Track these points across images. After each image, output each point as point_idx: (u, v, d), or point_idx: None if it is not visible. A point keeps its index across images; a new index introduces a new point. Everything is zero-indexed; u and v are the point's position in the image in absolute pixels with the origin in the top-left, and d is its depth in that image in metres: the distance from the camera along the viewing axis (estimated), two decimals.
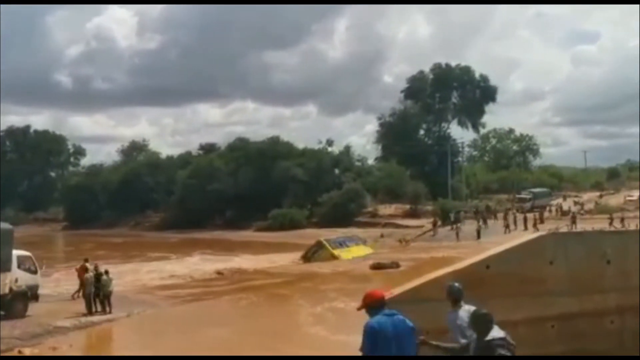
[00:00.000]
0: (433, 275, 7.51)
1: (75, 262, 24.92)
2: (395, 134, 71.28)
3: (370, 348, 4.79)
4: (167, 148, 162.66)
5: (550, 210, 49.44)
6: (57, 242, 60.20)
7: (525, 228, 39.61)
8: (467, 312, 6.34)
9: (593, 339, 7.44)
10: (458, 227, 43.20)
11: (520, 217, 43.94)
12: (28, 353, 14.00)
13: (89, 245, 47.53)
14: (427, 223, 47.00)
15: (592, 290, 7.50)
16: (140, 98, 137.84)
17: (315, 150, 69.19)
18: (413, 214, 55.52)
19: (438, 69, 73.13)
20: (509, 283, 7.32)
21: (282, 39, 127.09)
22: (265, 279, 26.58)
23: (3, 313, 16.93)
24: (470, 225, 43.67)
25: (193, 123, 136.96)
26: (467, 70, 73.45)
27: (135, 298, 21.37)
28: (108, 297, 18.51)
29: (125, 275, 26.30)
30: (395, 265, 28.09)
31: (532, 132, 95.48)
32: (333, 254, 32.25)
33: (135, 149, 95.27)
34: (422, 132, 75.50)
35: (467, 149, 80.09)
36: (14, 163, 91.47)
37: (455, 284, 6.45)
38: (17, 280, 17.92)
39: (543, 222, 43.40)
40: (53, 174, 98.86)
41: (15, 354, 13.84)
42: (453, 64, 73.85)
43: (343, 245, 34.09)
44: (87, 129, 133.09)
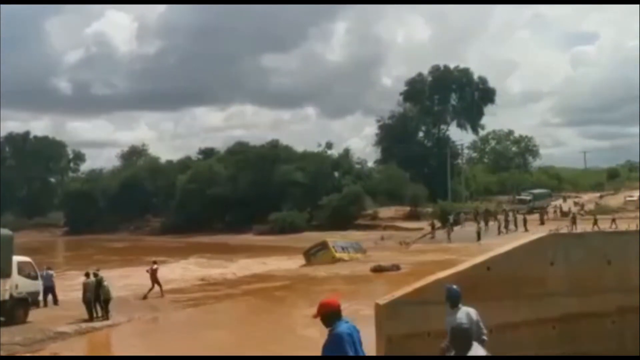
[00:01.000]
0: (434, 278, 7.51)
1: (78, 266, 24.90)
2: (395, 137, 71.39)
3: (352, 355, 4.84)
4: (166, 152, 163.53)
5: (547, 212, 49.31)
6: (57, 247, 60.16)
7: (526, 229, 39.69)
8: (465, 313, 6.34)
9: (594, 340, 7.44)
10: (450, 228, 43.40)
11: (520, 218, 43.97)
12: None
13: (90, 251, 47.56)
14: (427, 225, 47.01)
15: (592, 291, 7.50)
16: (140, 103, 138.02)
17: (315, 154, 69.24)
18: (413, 216, 55.52)
19: (437, 71, 73.27)
20: (510, 284, 7.32)
21: (280, 43, 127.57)
22: (267, 282, 26.55)
23: (3, 319, 16.91)
24: (470, 227, 43.71)
25: (192, 127, 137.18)
26: (465, 72, 73.61)
27: (136, 303, 21.35)
28: (107, 302, 18.48)
29: (120, 280, 26.18)
30: (396, 268, 28.06)
31: (531, 133, 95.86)
32: (335, 256, 32.12)
33: (135, 154, 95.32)
34: (421, 134, 75.68)
35: (466, 151, 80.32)
36: (14, 169, 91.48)
37: (453, 286, 6.46)
38: (17, 287, 17.90)
39: (543, 223, 43.41)
40: (53, 180, 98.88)
41: None
42: (451, 66, 74.10)
43: (345, 250, 34.01)
44: (86, 134, 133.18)
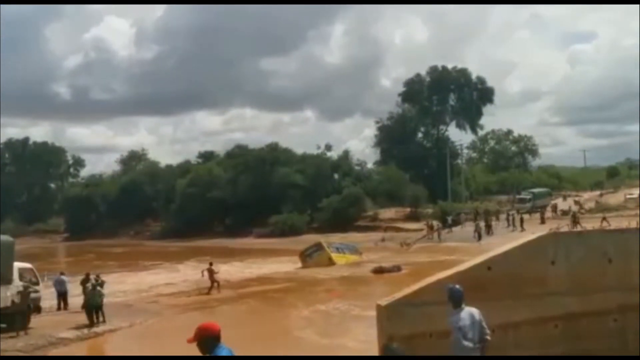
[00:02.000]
0: (435, 278, 7.52)
1: (79, 272, 24.94)
2: (394, 138, 71.42)
3: None
4: (166, 157, 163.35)
5: (547, 211, 49.28)
6: (57, 253, 60.07)
7: (522, 229, 39.84)
8: (468, 313, 6.35)
9: (596, 339, 7.44)
10: (440, 229, 43.55)
11: (517, 218, 44.16)
12: None
13: (90, 256, 47.52)
14: (424, 226, 47.04)
15: (594, 290, 7.50)
16: (139, 107, 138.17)
17: (314, 156, 69.25)
18: (413, 217, 55.50)
19: (435, 72, 73.32)
20: (511, 284, 7.33)
21: (279, 45, 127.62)
22: (267, 285, 26.55)
23: (5, 325, 16.90)
24: (470, 227, 43.77)
25: (192, 131, 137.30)
26: (464, 73, 73.65)
27: (138, 307, 21.36)
28: (99, 308, 18.42)
29: (116, 285, 26.21)
30: (397, 269, 28.08)
31: (530, 132, 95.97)
32: (330, 257, 32.16)
33: (135, 159, 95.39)
34: (420, 135, 75.69)
35: (465, 151, 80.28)
36: (14, 175, 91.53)
37: (456, 286, 6.47)
38: (19, 293, 17.89)
39: (544, 222, 43.44)
40: (53, 185, 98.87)
41: None
42: (450, 67, 74.15)
43: (340, 251, 34.03)
44: (86, 140, 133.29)
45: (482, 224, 42.83)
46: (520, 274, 7.39)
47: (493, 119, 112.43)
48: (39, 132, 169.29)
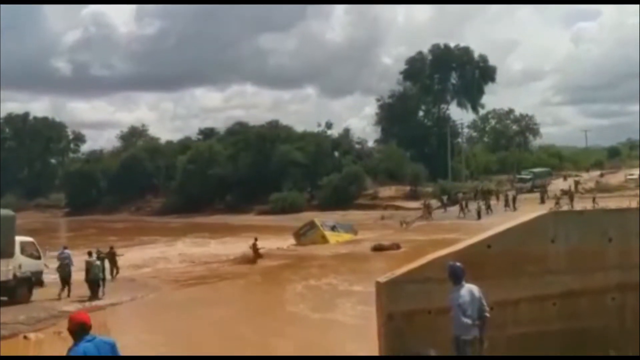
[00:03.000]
0: (435, 255, 7.54)
1: (80, 247, 25.08)
2: (395, 116, 71.19)
3: None
4: (166, 133, 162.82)
5: (544, 192, 49.06)
6: (58, 228, 60.30)
7: (514, 209, 40.13)
8: (468, 290, 6.40)
9: (594, 317, 7.50)
10: (429, 206, 44.01)
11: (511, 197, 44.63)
12: (33, 338, 14.12)
13: (91, 231, 47.73)
14: (421, 205, 47.14)
15: (593, 268, 7.54)
16: (139, 83, 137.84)
17: (315, 134, 69.10)
18: (413, 196, 55.62)
19: (437, 50, 72.79)
20: (510, 262, 7.35)
21: (279, 22, 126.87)
22: (266, 262, 26.73)
23: (6, 299, 17.04)
24: (470, 206, 43.89)
25: (192, 108, 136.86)
26: (466, 51, 73.11)
27: (140, 282, 21.55)
28: (98, 282, 18.63)
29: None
30: (396, 247, 28.25)
31: (532, 112, 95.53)
32: (324, 235, 32.45)
33: (135, 135, 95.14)
34: (421, 113, 75.40)
35: (466, 130, 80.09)
36: (14, 150, 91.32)
37: (457, 264, 6.50)
38: (20, 267, 18.02)
39: (544, 202, 43.59)
40: (53, 161, 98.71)
41: (21, 339, 13.97)
42: (452, 45, 73.55)
43: (334, 230, 34.21)
44: (86, 115, 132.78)
45: (481, 203, 42.97)
46: (520, 252, 7.41)
47: (495, 98, 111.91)
48: (40, 107, 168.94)
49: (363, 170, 60.64)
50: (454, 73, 73.67)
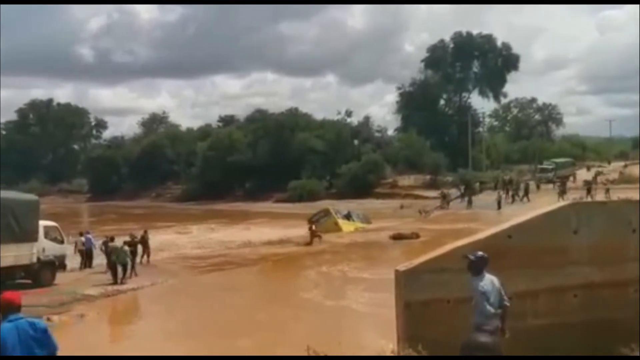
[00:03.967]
0: (454, 245, 7.51)
1: (101, 232, 25.50)
2: (416, 104, 70.67)
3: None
4: (187, 120, 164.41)
5: (565, 182, 48.36)
6: (80, 213, 61.25)
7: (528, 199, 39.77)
8: (489, 280, 6.36)
9: (614, 309, 7.41)
10: (446, 196, 44.37)
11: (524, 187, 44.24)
12: (56, 320, 14.39)
13: (112, 216, 48.37)
14: (448, 193, 46.86)
15: (615, 260, 7.44)
16: (161, 70, 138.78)
17: (334, 122, 68.89)
18: (433, 185, 55.28)
19: (459, 38, 71.89)
20: (531, 253, 7.29)
21: (301, 9, 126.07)
22: (282, 248, 26.96)
23: (30, 282, 17.40)
24: (487, 196, 43.59)
25: (213, 95, 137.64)
26: (488, 39, 72.12)
27: (161, 268, 21.85)
28: (125, 266, 19.00)
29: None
30: (415, 236, 28.16)
31: (555, 101, 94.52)
32: (337, 223, 32.48)
33: (156, 121, 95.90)
34: (442, 102, 74.75)
35: (488, 119, 79.21)
36: (38, 136, 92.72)
37: (479, 253, 6.47)
38: (44, 250, 18.37)
39: (565, 192, 42.98)
40: (76, 147, 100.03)
41: (44, 322, 14.22)
42: (474, 33, 72.59)
43: (349, 219, 34.19)
44: (108, 102, 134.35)
45: (502, 193, 42.63)
46: (541, 243, 7.34)
47: (517, 87, 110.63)
48: (63, 93, 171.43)
49: (382, 159, 60.36)
50: (476, 61, 72.77)
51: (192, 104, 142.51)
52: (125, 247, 19.45)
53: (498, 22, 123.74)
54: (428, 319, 7.05)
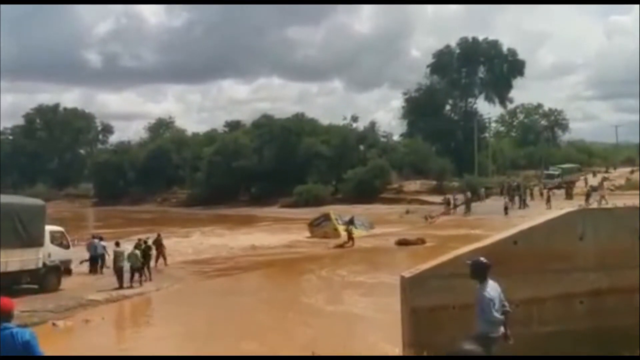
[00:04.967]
0: (460, 251, 7.49)
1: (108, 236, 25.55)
2: (421, 110, 70.62)
3: None
4: (193, 125, 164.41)
5: (571, 188, 48.16)
6: (86, 218, 61.44)
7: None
8: (493, 286, 6.33)
9: (622, 316, 7.36)
10: (450, 202, 44.32)
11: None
12: (61, 326, 14.42)
13: (117, 221, 48.46)
14: (452, 199, 46.69)
15: (622, 266, 7.40)
16: (168, 75, 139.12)
17: (340, 127, 68.91)
18: (439, 190, 55.13)
19: (465, 43, 71.88)
20: (537, 259, 7.26)
21: (307, 14, 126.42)
22: (286, 254, 26.96)
23: (36, 287, 17.43)
24: (492, 202, 43.45)
25: (219, 100, 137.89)
26: (494, 45, 72.08)
27: (166, 272, 21.85)
28: (138, 270, 19.01)
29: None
30: (421, 242, 28.08)
31: (562, 106, 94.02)
32: (337, 228, 32.41)
33: (162, 126, 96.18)
34: (448, 107, 74.66)
35: (494, 125, 78.99)
36: (45, 140, 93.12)
37: (481, 259, 6.44)
38: (50, 255, 18.40)
39: (572, 198, 42.86)
40: (82, 152, 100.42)
41: (50, 327, 14.27)
42: (480, 38, 72.61)
43: (352, 224, 33.97)
44: (115, 106, 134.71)
45: (507, 199, 42.49)
46: (547, 250, 7.31)
47: (524, 92, 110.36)
48: (70, 98, 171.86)
49: (388, 164, 60.28)
50: (482, 67, 72.72)
51: (198, 109, 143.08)
52: (137, 251, 19.55)
53: (505, 27, 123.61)
54: (433, 325, 7.03)
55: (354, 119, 69.90)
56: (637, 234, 7.45)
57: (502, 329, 6.27)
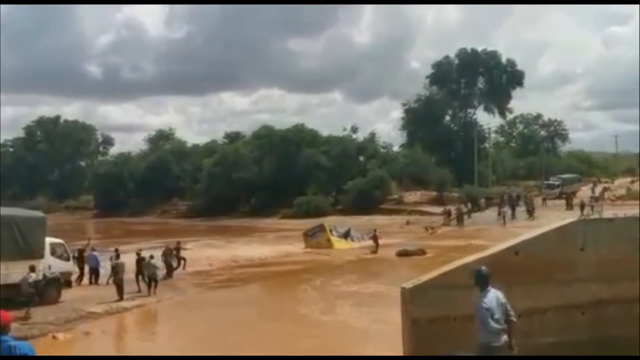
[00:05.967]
0: (461, 262, 7.48)
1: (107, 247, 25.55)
2: (421, 120, 70.81)
3: None
4: (193, 136, 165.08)
5: (571, 198, 48.05)
6: (87, 229, 61.32)
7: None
8: (494, 295, 6.33)
9: (622, 326, 7.35)
10: (450, 213, 43.94)
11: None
12: (61, 338, 14.37)
13: (117, 232, 48.42)
14: (452, 210, 46.66)
15: (623, 277, 7.39)
16: (168, 87, 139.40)
17: (340, 138, 68.98)
18: (439, 201, 55.12)
19: (464, 54, 72.20)
20: (538, 269, 7.26)
21: (308, 26, 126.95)
22: (285, 266, 26.91)
23: (36, 299, 17.37)
24: (492, 212, 43.36)
25: (219, 111, 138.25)
26: (493, 55, 72.42)
27: (168, 284, 21.77)
28: (153, 280, 19.34)
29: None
30: (421, 252, 28.04)
31: (562, 116, 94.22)
32: (329, 239, 32.52)
33: (162, 138, 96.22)
34: (447, 118, 74.85)
35: (493, 135, 79.13)
36: (45, 152, 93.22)
37: (482, 268, 6.45)
38: (50, 267, 18.37)
39: (572, 208, 42.83)
40: (83, 163, 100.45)
41: (50, 339, 14.22)
42: (479, 49, 72.94)
43: (347, 237, 33.94)
44: (116, 118, 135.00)
45: (505, 208, 42.50)
46: (548, 260, 7.31)
47: (523, 103, 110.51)
48: (71, 110, 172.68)
49: (388, 175, 60.31)
50: (481, 78, 72.97)
51: (199, 121, 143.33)
52: (153, 260, 19.58)
53: (504, 37, 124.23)
54: (434, 336, 7.01)
55: (354, 130, 70.13)
56: (637, 244, 7.45)
57: (505, 338, 6.26)
